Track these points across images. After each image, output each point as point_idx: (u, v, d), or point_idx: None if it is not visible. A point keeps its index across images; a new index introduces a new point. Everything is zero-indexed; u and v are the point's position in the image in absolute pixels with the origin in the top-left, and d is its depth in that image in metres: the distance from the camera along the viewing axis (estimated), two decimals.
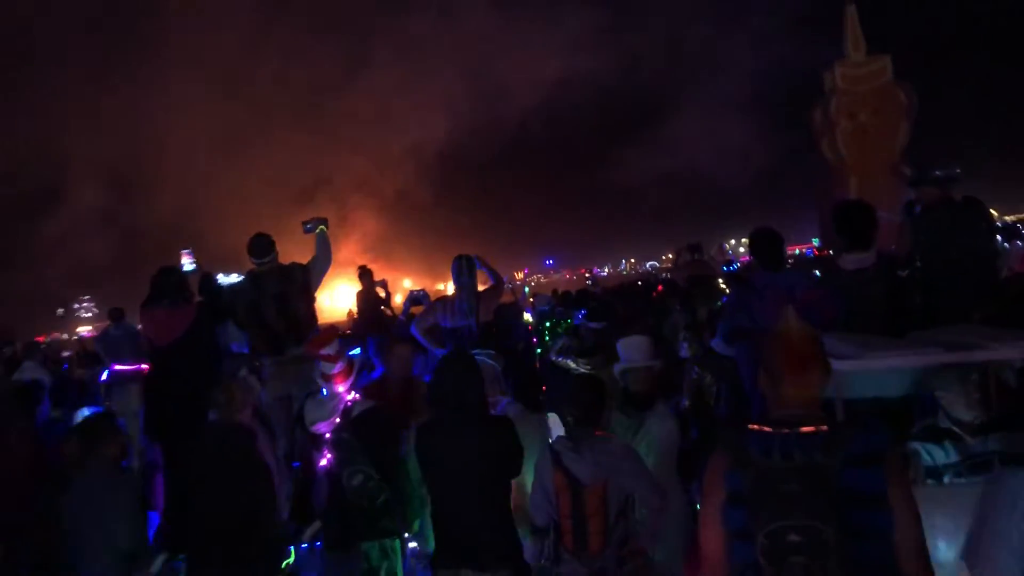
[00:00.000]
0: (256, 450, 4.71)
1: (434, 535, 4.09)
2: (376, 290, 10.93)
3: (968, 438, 3.90)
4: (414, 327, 6.84)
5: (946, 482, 3.86)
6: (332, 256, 6.57)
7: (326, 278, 6.67)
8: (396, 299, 12.26)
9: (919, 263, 5.41)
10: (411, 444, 4.70)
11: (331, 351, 4.89)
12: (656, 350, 5.08)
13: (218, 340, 6.28)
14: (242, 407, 4.83)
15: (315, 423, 4.76)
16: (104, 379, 8.82)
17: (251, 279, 6.30)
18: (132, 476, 4.26)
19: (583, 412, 3.98)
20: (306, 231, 6.59)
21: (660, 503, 3.87)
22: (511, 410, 4.83)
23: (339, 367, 4.85)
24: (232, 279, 6.77)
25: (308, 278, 6.33)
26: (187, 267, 6.27)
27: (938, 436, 3.98)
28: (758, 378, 2.56)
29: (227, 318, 6.28)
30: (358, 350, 5.66)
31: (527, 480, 4.25)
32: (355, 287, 11.39)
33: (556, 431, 4.83)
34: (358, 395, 4.86)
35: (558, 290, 14.71)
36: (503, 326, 6.62)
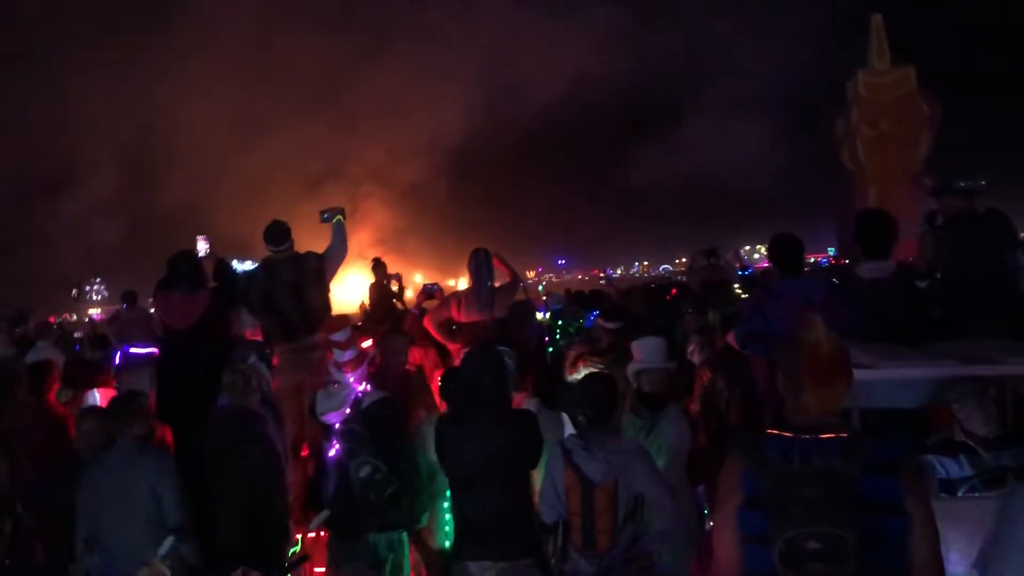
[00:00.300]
0: (266, 435, 4.73)
1: (455, 527, 4.21)
2: (390, 283, 10.93)
3: (983, 452, 3.88)
4: (427, 320, 6.84)
5: (960, 496, 3.84)
6: (347, 246, 6.58)
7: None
8: (408, 293, 12.27)
9: (939, 275, 5.37)
10: (422, 437, 4.72)
11: (342, 338, 4.89)
12: (671, 352, 5.07)
13: (231, 326, 6.30)
14: (253, 392, 4.85)
15: (325, 413, 4.76)
16: (116, 362, 8.87)
17: (266, 267, 6.30)
18: (168, 453, 4.26)
19: (595, 411, 3.96)
20: (323, 220, 6.59)
21: (670, 505, 3.86)
22: (529, 406, 4.84)
23: (349, 355, 4.84)
24: (246, 266, 6.78)
25: (323, 267, 6.33)
26: (202, 252, 6.28)
27: (953, 449, 3.95)
28: (775, 383, 2.54)
29: (241, 305, 6.29)
30: (370, 342, 5.66)
31: (536, 478, 4.27)
32: (367, 278, 11.38)
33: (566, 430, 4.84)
34: (369, 386, 4.86)
35: (571, 290, 14.67)
36: (517, 323, 6.60)
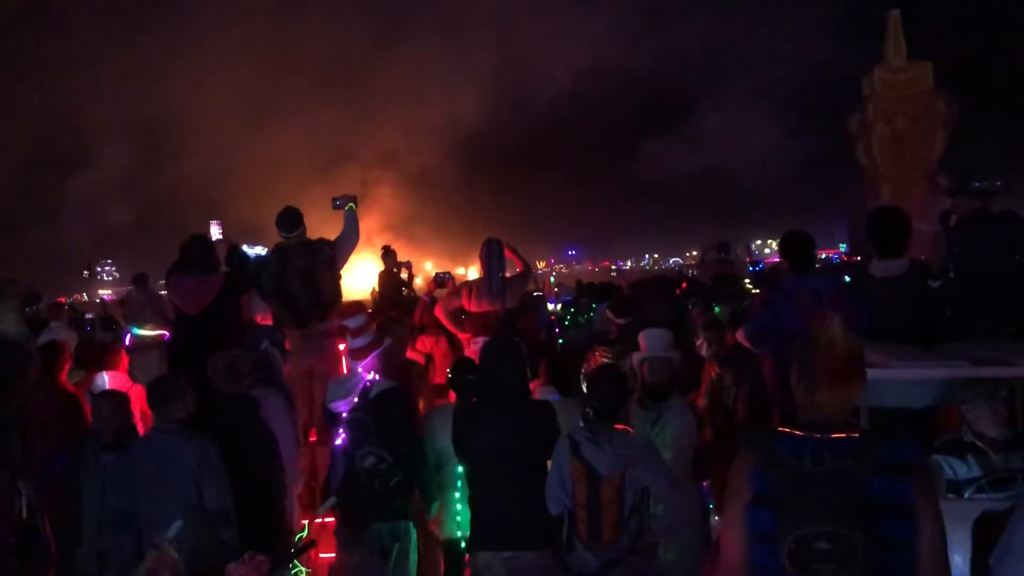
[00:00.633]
0: (261, 420, 4.71)
1: (471, 517, 4.21)
2: (400, 271, 10.94)
3: (992, 454, 3.87)
4: (438, 309, 6.85)
5: (967, 497, 3.83)
6: (359, 234, 6.59)
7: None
8: (418, 281, 12.27)
9: (952, 275, 5.33)
10: (430, 426, 4.73)
11: (355, 324, 4.90)
12: (676, 344, 5.05)
13: (243, 311, 6.32)
14: (244, 377, 4.82)
15: (333, 401, 4.76)
16: (127, 344, 8.91)
17: (278, 252, 6.33)
18: (211, 438, 4.27)
19: (604, 404, 3.96)
20: (335, 207, 6.62)
21: (676, 499, 3.86)
22: (544, 393, 4.84)
23: (361, 341, 4.85)
24: (258, 251, 6.80)
25: (335, 254, 6.36)
26: (215, 237, 6.30)
27: (961, 450, 3.94)
28: (787, 380, 2.53)
29: (252, 290, 6.31)
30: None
31: None
32: (377, 266, 11.39)
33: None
34: (378, 375, 4.86)
35: (581, 281, 14.67)
36: (527, 313, 6.61)
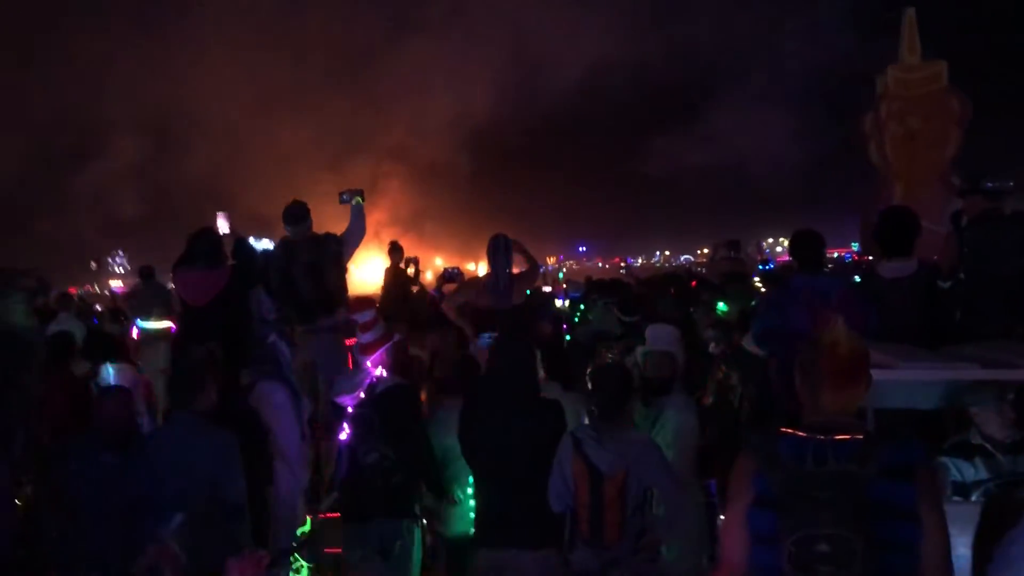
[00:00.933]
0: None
1: (477, 514, 4.21)
2: (408, 267, 10.91)
3: (1000, 456, 3.84)
4: (445, 305, 6.84)
5: (974, 499, 3.80)
6: (366, 228, 6.59)
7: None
8: (427, 276, 12.26)
9: (962, 275, 5.29)
10: (436, 424, 4.72)
11: (364, 319, 4.89)
12: (681, 341, 5.01)
13: (249, 305, 6.31)
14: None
15: (340, 395, 4.76)
16: (134, 336, 8.95)
17: (284, 246, 6.34)
18: (231, 432, 4.24)
19: (607, 402, 3.94)
20: (342, 202, 6.61)
21: (679, 499, 3.84)
22: (549, 388, 4.83)
23: (370, 336, 4.84)
24: (263, 244, 6.81)
25: (341, 249, 6.36)
26: (222, 230, 6.29)
27: (969, 452, 3.91)
28: (792, 381, 2.51)
29: (258, 283, 6.31)
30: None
31: None
32: (384, 260, 11.34)
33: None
34: (385, 371, 4.85)
35: (591, 277, 14.63)
36: (533, 311, 6.60)
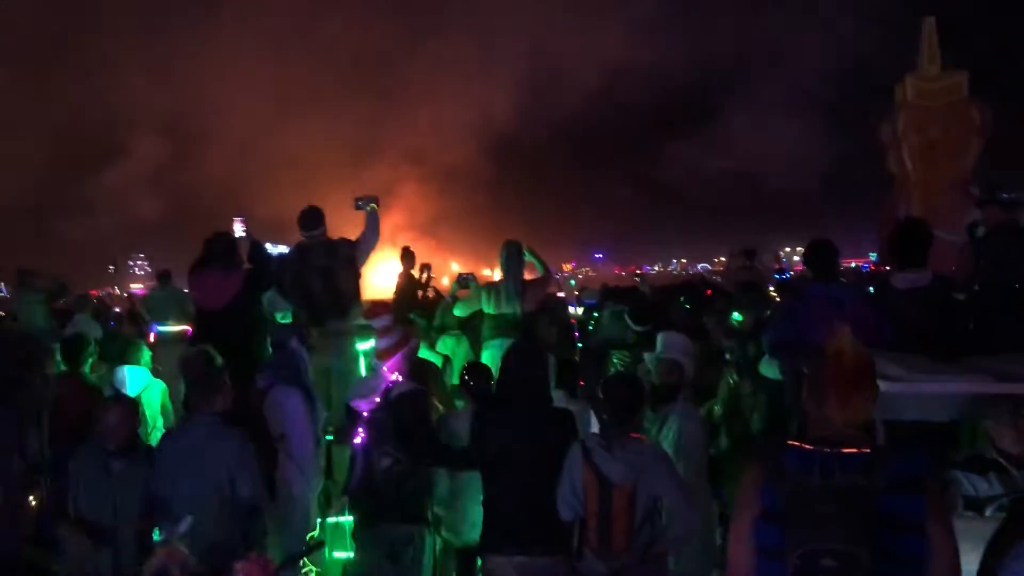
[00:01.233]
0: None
1: (485, 520, 4.20)
2: (423, 273, 10.92)
3: (1014, 471, 3.79)
4: (457, 310, 6.85)
5: (987, 515, 3.75)
6: (380, 233, 6.62)
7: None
8: (443, 281, 12.25)
9: (977, 287, 5.24)
10: (448, 431, 4.72)
11: (380, 325, 4.90)
12: (692, 351, 4.99)
13: (263, 309, 6.36)
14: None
15: (355, 399, 4.76)
16: (151, 339, 8.99)
17: (299, 251, 6.39)
18: (245, 433, 4.31)
19: (617, 411, 3.94)
20: (357, 208, 6.66)
21: (688, 510, 3.82)
22: (555, 396, 4.82)
23: (387, 341, 4.85)
24: (279, 249, 6.86)
25: (354, 254, 6.41)
26: (238, 234, 6.35)
27: (983, 467, 3.87)
28: (800, 393, 2.49)
29: (273, 287, 6.35)
30: None
31: None
32: (399, 265, 11.36)
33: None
34: (400, 376, 4.86)
35: (607, 284, 14.58)
36: (543, 318, 6.60)
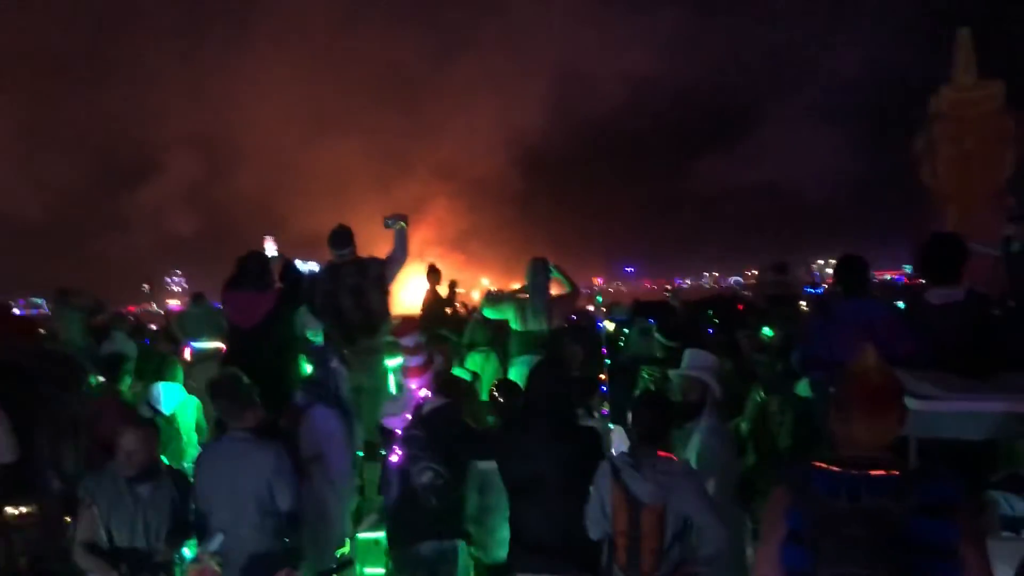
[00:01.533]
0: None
1: (512, 538, 4.21)
2: (454, 288, 10.98)
3: None
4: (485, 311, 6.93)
5: None
6: (409, 251, 6.68)
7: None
8: (474, 296, 12.29)
9: (1012, 302, 5.16)
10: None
11: (411, 343, 4.93)
12: (717, 368, 4.95)
13: (295, 327, 6.42)
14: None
15: (387, 418, 4.78)
16: (186, 356, 9.09)
17: (329, 270, 6.46)
18: (281, 446, 4.43)
19: (646, 430, 3.92)
20: (387, 227, 6.72)
21: (719, 530, 3.79)
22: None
23: (417, 360, 4.88)
24: (310, 267, 6.93)
25: (383, 272, 6.47)
26: (270, 252, 6.43)
27: (1020, 486, 3.81)
28: (828, 414, 2.47)
29: (304, 305, 6.42)
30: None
31: None
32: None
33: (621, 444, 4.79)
34: (431, 393, 4.89)
35: (639, 299, 14.50)
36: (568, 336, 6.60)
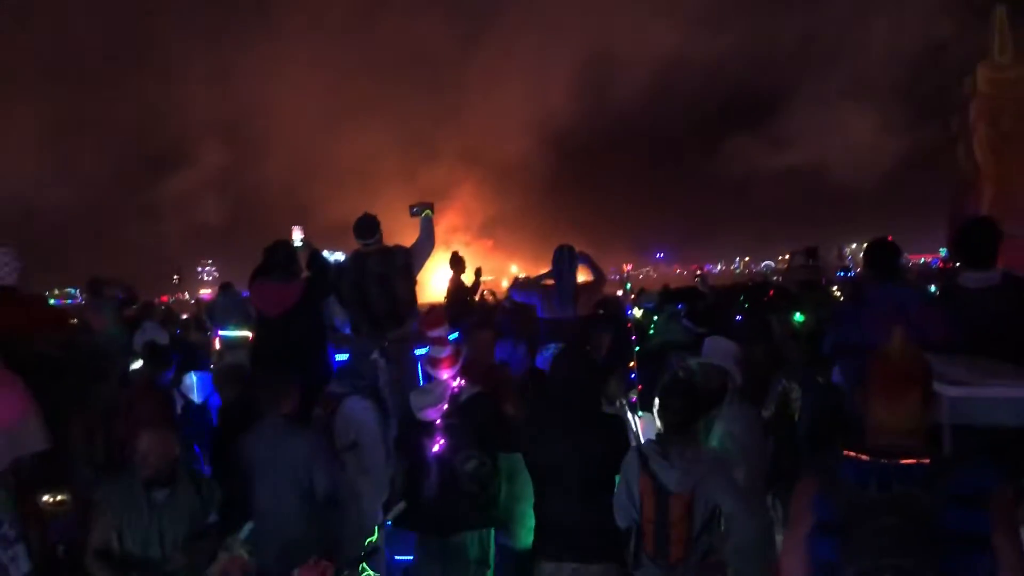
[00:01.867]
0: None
1: (537, 526, 4.23)
2: (479, 278, 10.95)
3: None
4: (513, 293, 6.93)
5: None
6: (435, 239, 6.67)
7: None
8: (503, 284, 12.26)
9: None
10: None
11: (440, 334, 4.93)
12: (738, 355, 4.88)
13: (322, 316, 6.45)
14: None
15: (423, 409, 4.77)
16: (217, 345, 9.20)
17: (355, 259, 6.46)
18: (317, 432, 4.63)
19: (674, 418, 3.89)
20: (412, 214, 6.73)
21: (748, 519, 3.75)
22: None
23: (447, 351, 4.87)
24: (336, 256, 6.95)
25: (410, 261, 6.46)
26: (297, 242, 6.45)
27: None
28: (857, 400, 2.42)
29: (331, 295, 6.44)
30: (456, 334, 5.70)
31: None
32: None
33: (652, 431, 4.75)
34: (463, 381, 4.89)
35: (668, 286, 14.38)
36: (594, 324, 6.56)
